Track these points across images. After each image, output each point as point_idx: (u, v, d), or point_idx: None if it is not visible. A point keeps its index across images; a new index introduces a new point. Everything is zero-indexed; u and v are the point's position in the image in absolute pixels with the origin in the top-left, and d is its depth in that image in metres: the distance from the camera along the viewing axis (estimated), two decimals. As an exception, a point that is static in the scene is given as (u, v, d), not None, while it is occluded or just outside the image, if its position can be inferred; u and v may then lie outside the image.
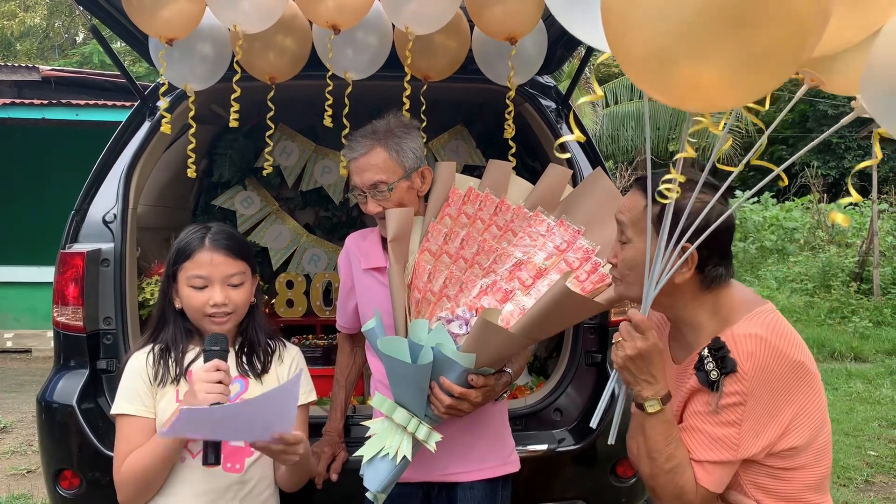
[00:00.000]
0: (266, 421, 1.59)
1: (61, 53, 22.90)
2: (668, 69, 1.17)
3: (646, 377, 1.46)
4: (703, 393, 1.48)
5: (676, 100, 1.25)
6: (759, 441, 1.45)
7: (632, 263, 1.54)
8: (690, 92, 1.20)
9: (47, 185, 9.06)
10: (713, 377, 1.45)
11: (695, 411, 1.50)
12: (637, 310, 1.49)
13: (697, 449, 1.48)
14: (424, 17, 2.19)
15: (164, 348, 1.85)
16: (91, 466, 2.46)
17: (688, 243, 1.45)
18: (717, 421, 1.46)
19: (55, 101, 8.42)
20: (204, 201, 4.27)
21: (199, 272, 1.82)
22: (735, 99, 1.25)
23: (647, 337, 1.44)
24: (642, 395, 1.47)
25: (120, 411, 1.80)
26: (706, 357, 1.47)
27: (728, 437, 1.45)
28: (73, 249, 2.61)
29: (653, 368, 1.46)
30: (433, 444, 1.85)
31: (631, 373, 1.47)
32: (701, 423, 1.48)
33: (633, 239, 1.54)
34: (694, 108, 1.28)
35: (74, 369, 2.58)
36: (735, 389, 1.43)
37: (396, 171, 2.03)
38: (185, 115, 2.78)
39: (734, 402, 1.44)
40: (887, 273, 10.14)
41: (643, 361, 1.45)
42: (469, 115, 4.15)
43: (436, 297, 1.97)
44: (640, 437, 1.50)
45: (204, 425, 1.57)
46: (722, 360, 1.44)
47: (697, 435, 1.48)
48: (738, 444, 1.45)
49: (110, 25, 2.55)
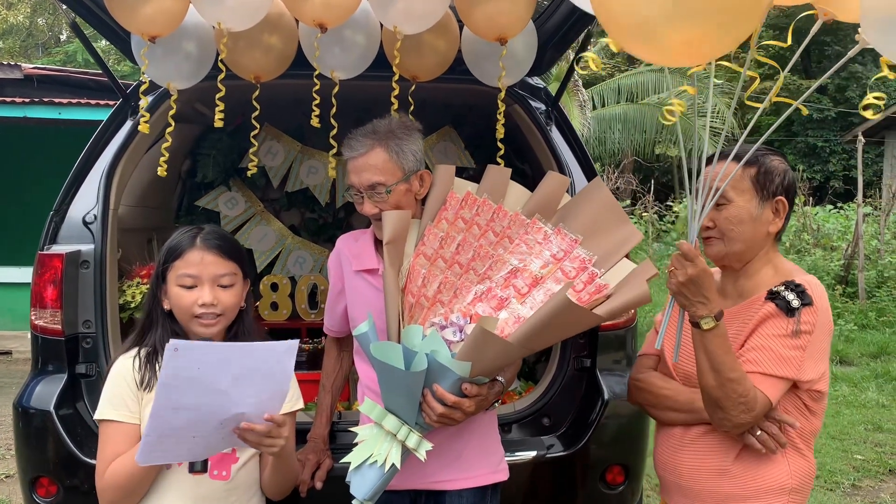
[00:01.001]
0: (258, 384, 1.54)
1: (45, 51, 22.69)
2: (653, 35, 1.40)
3: (699, 299, 1.65)
4: (779, 318, 1.71)
5: (666, 60, 1.50)
6: (815, 369, 1.72)
7: (737, 219, 1.78)
8: (678, 52, 1.43)
9: (28, 184, 8.97)
10: (794, 304, 1.70)
11: (767, 333, 1.72)
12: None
13: (767, 363, 1.70)
14: (413, 16, 2.16)
15: (150, 352, 1.81)
16: (69, 473, 2.41)
17: (780, 196, 1.79)
18: (788, 344, 1.70)
19: (37, 100, 8.33)
20: (187, 202, 4.21)
21: (188, 271, 1.79)
22: (719, 50, 1.47)
23: (696, 263, 1.64)
24: (698, 314, 1.66)
25: (104, 417, 1.76)
26: (782, 291, 1.73)
27: (794, 359, 1.70)
28: (51, 251, 2.55)
29: (705, 290, 1.65)
30: (423, 452, 1.81)
31: (685, 296, 1.66)
32: (773, 343, 1.71)
33: (734, 199, 1.78)
34: (682, 63, 1.51)
35: (52, 374, 2.52)
36: (809, 320, 1.70)
37: (395, 173, 1.99)
38: (167, 114, 2.73)
39: (806, 330, 1.70)
40: (872, 276, 10.21)
41: (695, 286, 1.64)
42: (457, 117, 4.11)
43: (429, 302, 1.93)
44: (702, 354, 1.68)
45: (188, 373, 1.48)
46: (802, 293, 1.72)
47: (767, 353, 1.71)
48: (800, 365, 1.70)
49: (92, 22, 2.49)
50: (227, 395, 1.53)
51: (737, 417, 1.68)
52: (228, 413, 1.56)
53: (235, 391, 1.53)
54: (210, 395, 1.51)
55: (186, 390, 1.49)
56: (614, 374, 2.61)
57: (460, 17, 2.25)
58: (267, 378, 1.56)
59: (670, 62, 1.58)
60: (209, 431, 1.57)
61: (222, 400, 1.53)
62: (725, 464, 1.78)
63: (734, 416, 1.68)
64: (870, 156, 17.44)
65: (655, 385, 1.94)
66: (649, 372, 1.99)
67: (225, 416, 1.56)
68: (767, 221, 1.80)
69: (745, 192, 1.79)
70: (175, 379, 1.48)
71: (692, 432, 1.84)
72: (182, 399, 1.50)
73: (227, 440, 1.61)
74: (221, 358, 1.51)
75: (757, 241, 1.81)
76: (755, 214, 1.79)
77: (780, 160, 1.84)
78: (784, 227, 1.85)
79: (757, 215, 1.79)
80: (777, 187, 1.80)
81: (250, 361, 1.53)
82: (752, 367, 1.71)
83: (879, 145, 16.74)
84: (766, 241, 1.83)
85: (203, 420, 1.54)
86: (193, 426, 1.54)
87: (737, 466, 1.77)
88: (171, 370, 1.46)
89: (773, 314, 1.73)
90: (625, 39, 1.49)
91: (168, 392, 1.48)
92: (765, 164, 1.79)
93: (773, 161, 1.82)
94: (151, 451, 1.54)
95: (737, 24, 1.41)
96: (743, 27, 1.42)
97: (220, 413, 1.55)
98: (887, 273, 10.34)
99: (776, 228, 1.83)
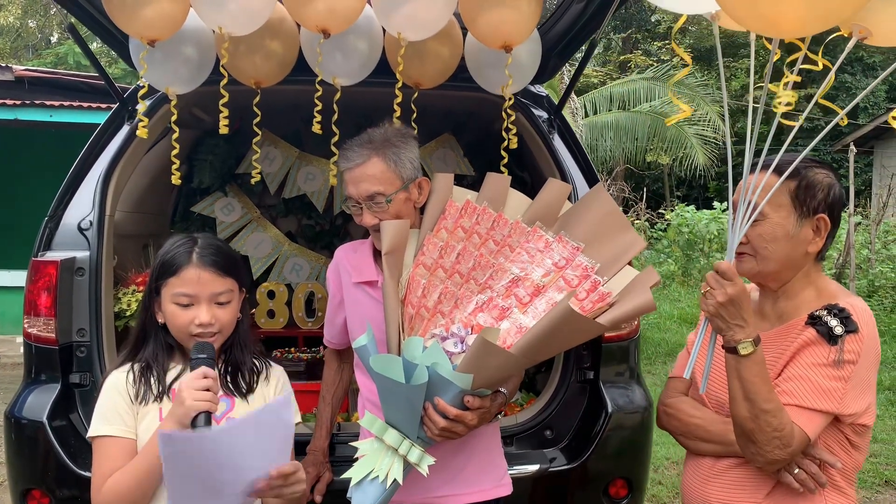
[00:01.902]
0: (262, 448, 1.49)
1: (35, 53, 22.55)
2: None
3: (737, 322, 1.54)
4: (819, 346, 1.58)
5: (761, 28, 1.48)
6: (858, 402, 1.59)
7: (770, 237, 1.65)
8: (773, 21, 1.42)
9: (18, 187, 8.90)
10: (837, 332, 1.57)
11: (806, 363, 1.59)
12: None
13: (805, 396, 1.57)
14: (418, 22, 2.13)
15: (145, 366, 1.75)
16: (61, 486, 2.37)
17: (822, 214, 1.64)
18: (829, 374, 1.57)
19: (28, 102, 8.25)
20: (183, 208, 4.17)
21: (185, 290, 1.72)
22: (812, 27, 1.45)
23: (735, 283, 1.53)
24: (735, 339, 1.54)
25: (98, 433, 1.69)
26: (824, 315, 1.60)
27: (836, 391, 1.56)
28: (46, 257, 2.50)
29: (743, 313, 1.54)
30: (426, 467, 1.78)
31: (723, 318, 1.55)
32: (812, 373, 1.58)
33: (769, 214, 1.64)
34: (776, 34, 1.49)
35: (45, 383, 2.47)
36: (853, 348, 1.56)
37: (394, 183, 1.96)
38: (164, 119, 2.70)
39: (849, 360, 1.56)
40: (863, 286, 10.24)
41: (734, 307, 1.53)
42: (457, 124, 4.09)
43: (430, 313, 1.90)
44: (735, 381, 1.56)
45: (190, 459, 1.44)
46: (846, 319, 1.58)
47: (806, 384, 1.58)
48: (842, 398, 1.57)
49: (89, 25, 2.45)
50: (233, 470, 1.48)
51: (770, 453, 1.55)
52: (242, 484, 1.51)
53: (241, 464, 1.48)
54: (219, 472, 1.46)
55: (191, 472, 1.45)
56: (618, 387, 2.59)
57: (465, 24, 2.23)
58: (270, 439, 1.51)
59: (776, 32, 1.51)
60: (227, 496, 1.53)
61: (231, 474, 1.48)
62: (756, 500, 1.66)
63: (767, 452, 1.55)
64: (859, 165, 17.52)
65: (686, 412, 1.81)
66: (679, 397, 1.86)
67: (239, 487, 1.51)
68: (806, 240, 1.65)
69: (783, 208, 1.64)
70: (176, 463, 1.43)
71: (722, 463, 1.73)
72: (190, 484, 1.45)
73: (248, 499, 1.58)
74: (219, 441, 1.46)
75: (794, 261, 1.67)
76: (792, 232, 1.64)
77: (826, 174, 1.67)
78: (826, 247, 1.69)
79: (794, 233, 1.64)
80: (819, 203, 1.64)
81: (249, 433, 1.47)
82: (789, 399, 1.58)
83: (868, 155, 16.83)
84: (804, 260, 1.68)
85: (218, 491, 1.50)
86: (211, 495, 1.50)
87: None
88: (169, 455, 1.41)
89: (813, 341, 1.59)
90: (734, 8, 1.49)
91: (173, 480, 1.43)
92: (807, 178, 1.64)
93: (818, 175, 1.65)
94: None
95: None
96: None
97: (234, 485, 1.50)
98: (878, 282, 10.38)
99: (816, 248, 1.67)
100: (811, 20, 1.41)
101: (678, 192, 21.16)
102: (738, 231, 1.59)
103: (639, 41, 22.99)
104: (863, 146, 15.64)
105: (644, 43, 22.95)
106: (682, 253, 13.45)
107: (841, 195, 1.69)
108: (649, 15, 21.10)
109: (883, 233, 12.05)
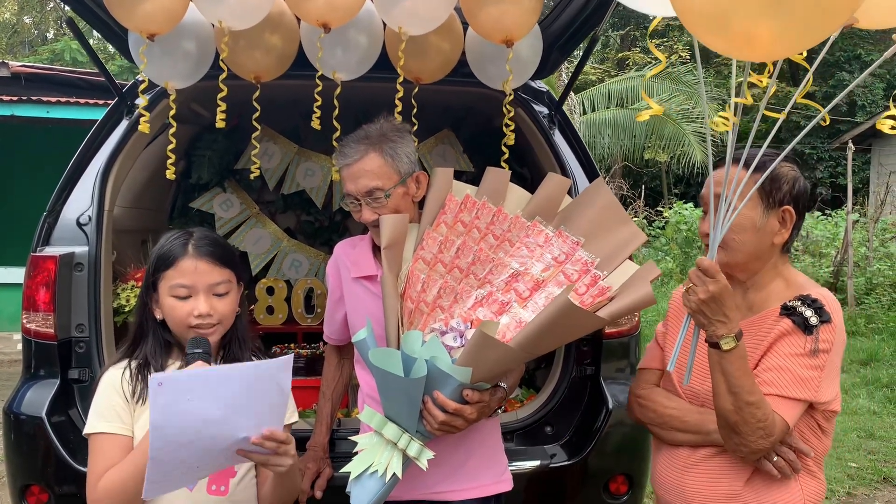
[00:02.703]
0: (255, 406, 1.46)
1: (31, 50, 22.47)
2: (725, 25, 1.34)
3: (720, 318, 1.56)
4: (796, 336, 1.64)
5: (732, 51, 1.42)
6: (831, 389, 1.65)
7: (738, 228, 1.68)
8: (745, 45, 1.37)
9: (14, 183, 8.88)
10: (812, 322, 1.63)
11: (784, 353, 1.64)
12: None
13: (784, 385, 1.62)
14: (419, 16, 2.12)
15: (142, 363, 1.74)
16: (60, 482, 2.36)
17: (788, 206, 1.69)
18: (806, 363, 1.62)
19: (25, 98, 8.23)
20: (181, 203, 4.15)
21: (182, 281, 1.71)
22: (785, 51, 1.40)
23: (717, 280, 1.55)
24: (717, 334, 1.57)
25: (94, 430, 1.68)
26: (798, 306, 1.65)
27: (812, 379, 1.62)
28: (44, 252, 2.49)
29: (725, 309, 1.56)
30: (425, 461, 1.77)
31: (705, 315, 1.57)
32: (790, 362, 1.63)
33: (736, 206, 1.65)
34: (747, 57, 1.45)
35: (44, 379, 2.46)
36: (827, 338, 1.63)
37: (392, 177, 1.96)
38: (163, 114, 2.69)
39: (824, 349, 1.62)
40: (861, 283, 10.25)
41: (716, 303, 1.55)
42: (456, 120, 4.08)
43: (429, 307, 1.89)
44: (718, 375, 1.60)
45: (180, 409, 1.40)
46: (819, 309, 1.64)
47: (785, 373, 1.63)
48: (818, 386, 1.62)
49: (88, 19, 2.44)
50: (224, 422, 1.45)
51: (755, 443, 1.59)
52: (229, 440, 1.48)
53: (233, 416, 1.46)
54: (206, 426, 1.43)
55: (180, 425, 1.40)
56: (618, 383, 2.58)
57: (466, 18, 2.22)
58: (264, 398, 1.49)
59: (740, 55, 1.48)
60: (213, 458, 1.50)
61: (220, 428, 1.45)
62: (735, 488, 1.70)
63: (752, 442, 1.59)
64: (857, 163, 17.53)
65: (660, 403, 1.85)
66: (652, 388, 1.90)
67: (225, 443, 1.48)
68: (772, 232, 1.70)
69: (749, 200, 1.67)
70: (166, 416, 1.39)
71: (699, 454, 1.76)
72: (178, 437, 1.41)
73: (234, 459, 1.55)
74: (211, 385, 1.43)
75: (761, 252, 1.72)
76: (759, 224, 1.69)
77: (790, 167, 1.72)
78: (792, 238, 1.75)
79: (761, 225, 1.69)
80: (784, 195, 1.69)
81: (243, 384, 1.45)
82: (770, 389, 1.62)
83: (866, 152, 16.84)
84: (771, 252, 1.73)
85: (204, 450, 1.47)
86: (195, 457, 1.47)
87: (748, 491, 1.69)
88: (160, 407, 1.38)
89: (789, 331, 1.65)
90: (697, 28, 1.43)
91: (162, 433, 1.39)
92: (775, 172, 1.68)
93: (783, 168, 1.71)
94: (156, 489, 1.47)
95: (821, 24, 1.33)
96: (826, 27, 1.34)
97: (221, 441, 1.47)
98: (876, 280, 10.40)
99: (782, 239, 1.72)
100: (789, 41, 1.37)
101: (676, 189, 21.15)
102: (721, 227, 1.60)
103: (637, 38, 22.98)
104: (860, 144, 15.65)
105: (642, 40, 22.95)
106: (679, 250, 13.46)
107: (806, 188, 1.75)
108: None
109: (880, 230, 12.06)
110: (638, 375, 1.98)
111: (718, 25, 1.36)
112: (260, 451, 1.54)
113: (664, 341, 1.95)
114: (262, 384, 1.49)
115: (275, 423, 1.53)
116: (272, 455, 1.55)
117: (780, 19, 1.29)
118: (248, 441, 1.50)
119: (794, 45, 1.37)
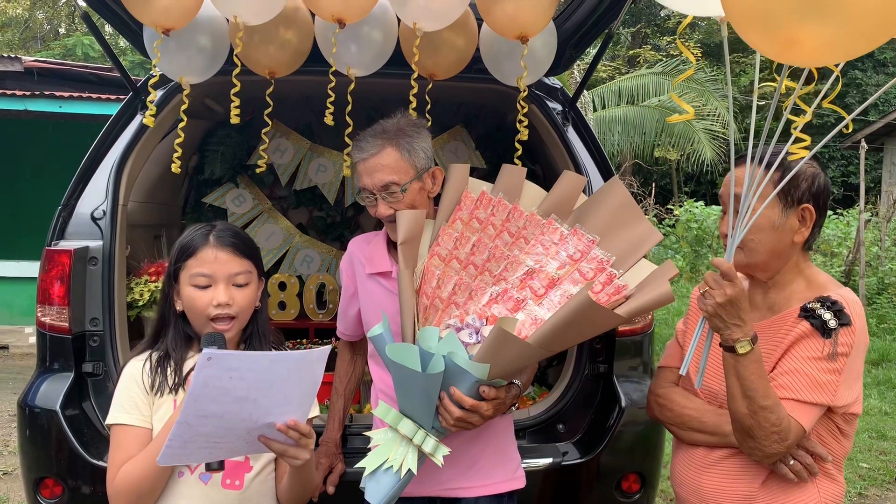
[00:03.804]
0: (289, 393, 1.48)
1: (43, 45, 22.57)
2: (773, 29, 1.33)
3: (735, 321, 1.54)
4: (814, 339, 1.60)
5: (775, 55, 1.41)
6: (850, 393, 1.63)
7: (756, 228, 1.64)
8: (788, 49, 1.35)
9: (27, 178, 8.93)
10: (831, 325, 1.59)
11: (801, 356, 1.61)
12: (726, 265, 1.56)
13: (801, 389, 1.59)
14: (434, 12, 2.12)
15: (162, 355, 1.75)
16: (74, 475, 2.37)
17: (807, 203, 1.66)
18: (824, 367, 1.59)
19: (38, 93, 8.26)
20: (194, 198, 4.16)
21: (202, 270, 1.72)
22: (831, 58, 1.39)
23: (735, 283, 1.53)
24: (733, 338, 1.55)
25: (115, 421, 1.70)
26: (818, 308, 1.61)
27: (830, 384, 1.59)
28: (59, 247, 2.50)
29: (742, 313, 1.54)
30: (440, 457, 1.77)
31: (721, 318, 1.55)
32: (807, 366, 1.60)
33: (754, 206, 1.62)
34: (788, 61, 1.42)
35: (58, 372, 2.47)
36: (846, 341, 1.59)
37: (408, 172, 1.95)
38: (177, 108, 2.69)
39: (842, 353, 1.59)
40: (873, 283, 10.19)
41: (733, 307, 1.54)
42: (469, 116, 4.07)
43: (444, 303, 1.89)
44: (733, 379, 1.57)
45: (222, 385, 1.42)
46: (839, 312, 1.60)
47: (802, 377, 1.60)
48: (835, 391, 1.59)
49: (103, 13, 2.44)
50: (256, 404, 1.47)
51: (769, 447, 1.58)
52: (256, 422, 1.50)
53: (265, 400, 1.48)
54: (239, 403, 1.46)
55: (216, 399, 1.43)
56: (631, 381, 2.57)
57: (480, 14, 2.21)
58: (297, 386, 1.50)
59: (781, 58, 1.46)
60: (234, 438, 1.52)
61: (251, 409, 1.48)
62: (752, 489, 1.68)
63: (766, 446, 1.58)
64: (869, 162, 17.43)
65: (678, 403, 1.84)
66: (671, 388, 1.88)
67: (253, 425, 1.50)
68: (792, 230, 1.67)
69: (763, 200, 1.63)
70: (206, 388, 1.41)
71: (716, 454, 1.75)
72: (210, 407, 1.43)
73: (251, 446, 1.56)
74: (255, 368, 1.45)
75: (781, 251, 1.69)
76: (777, 223, 1.66)
77: (810, 163, 1.68)
78: (813, 236, 1.71)
79: (780, 224, 1.66)
80: (803, 193, 1.66)
81: (283, 371, 1.47)
82: (786, 393, 1.60)
83: (878, 152, 16.73)
84: (791, 250, 1.70)
85: (230, 428, 1.49)
86: (219, 433, 1.49)
87: (764, 492, 1.68)
88: (203, 378, 1.40)
89: (807, 334, 1.62)
90: (746, 30, 1.41)
91: (197, 400, 1.42)
92: (790, 169, 1.62)
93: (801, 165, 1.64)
94: (172, 455, 1.49)
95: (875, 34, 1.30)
96: (879, 37, 1.31)
97: (248, 422, 1.49)
98: (888, 280, 10.33)
99: (802, 238, 1.69)
100: (838, 49, 1.35)
101: (686, 187, 21.08)
102: (739, 231, 1.58)
103: (648, 36, 22.89)
104: (873, 143, 15.54)
105: (653, 38, 22.85)
106: (690, 249, 13.42)
107: (826, 185, 1.71)
108: (659, 10, 21.00)
109: (893, 230, 11.98)
110: (657, 374, 1.97)
111: (766, 27, 1.34)
112: (281, 440, 1.54)
113: (684, 340, 1.94)
114: (301, 373, 1.50)
115: (302, 413, 1.54)
116: (292, 446, 1.56)
117: (833, 27, 1.28)
118: (273, 427, 1.51)
119: (842, 53, 1.36)
